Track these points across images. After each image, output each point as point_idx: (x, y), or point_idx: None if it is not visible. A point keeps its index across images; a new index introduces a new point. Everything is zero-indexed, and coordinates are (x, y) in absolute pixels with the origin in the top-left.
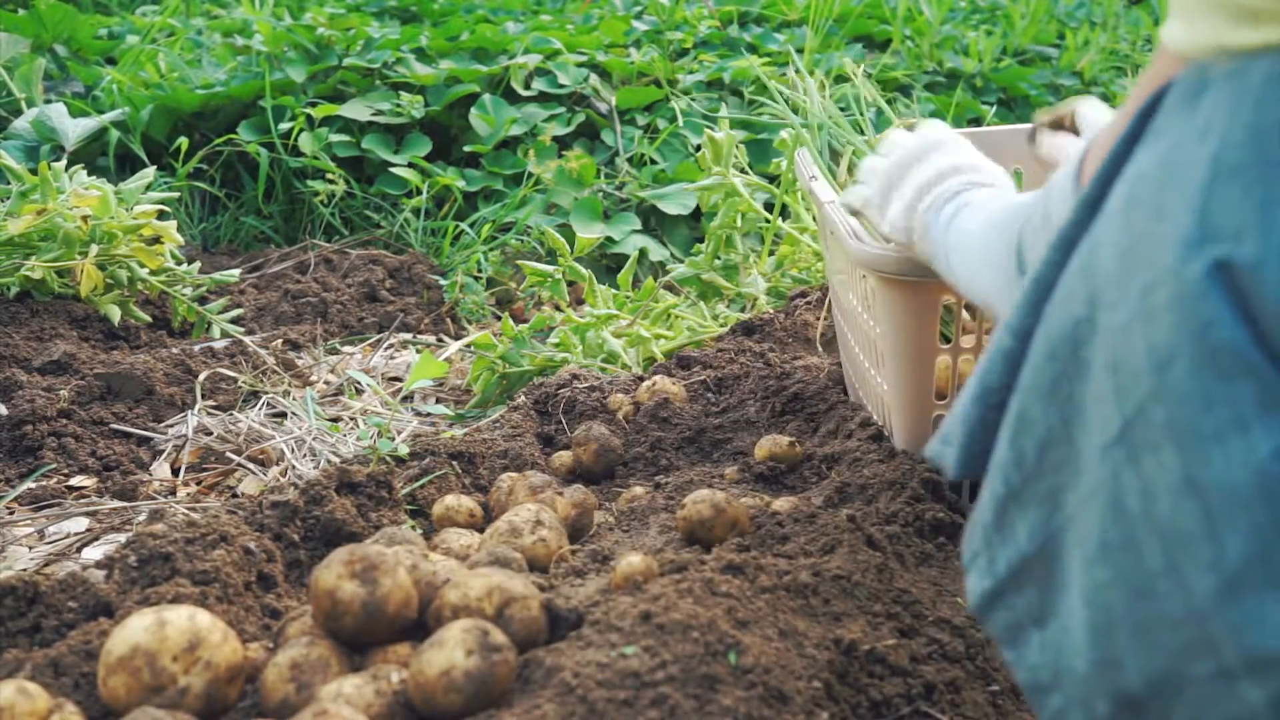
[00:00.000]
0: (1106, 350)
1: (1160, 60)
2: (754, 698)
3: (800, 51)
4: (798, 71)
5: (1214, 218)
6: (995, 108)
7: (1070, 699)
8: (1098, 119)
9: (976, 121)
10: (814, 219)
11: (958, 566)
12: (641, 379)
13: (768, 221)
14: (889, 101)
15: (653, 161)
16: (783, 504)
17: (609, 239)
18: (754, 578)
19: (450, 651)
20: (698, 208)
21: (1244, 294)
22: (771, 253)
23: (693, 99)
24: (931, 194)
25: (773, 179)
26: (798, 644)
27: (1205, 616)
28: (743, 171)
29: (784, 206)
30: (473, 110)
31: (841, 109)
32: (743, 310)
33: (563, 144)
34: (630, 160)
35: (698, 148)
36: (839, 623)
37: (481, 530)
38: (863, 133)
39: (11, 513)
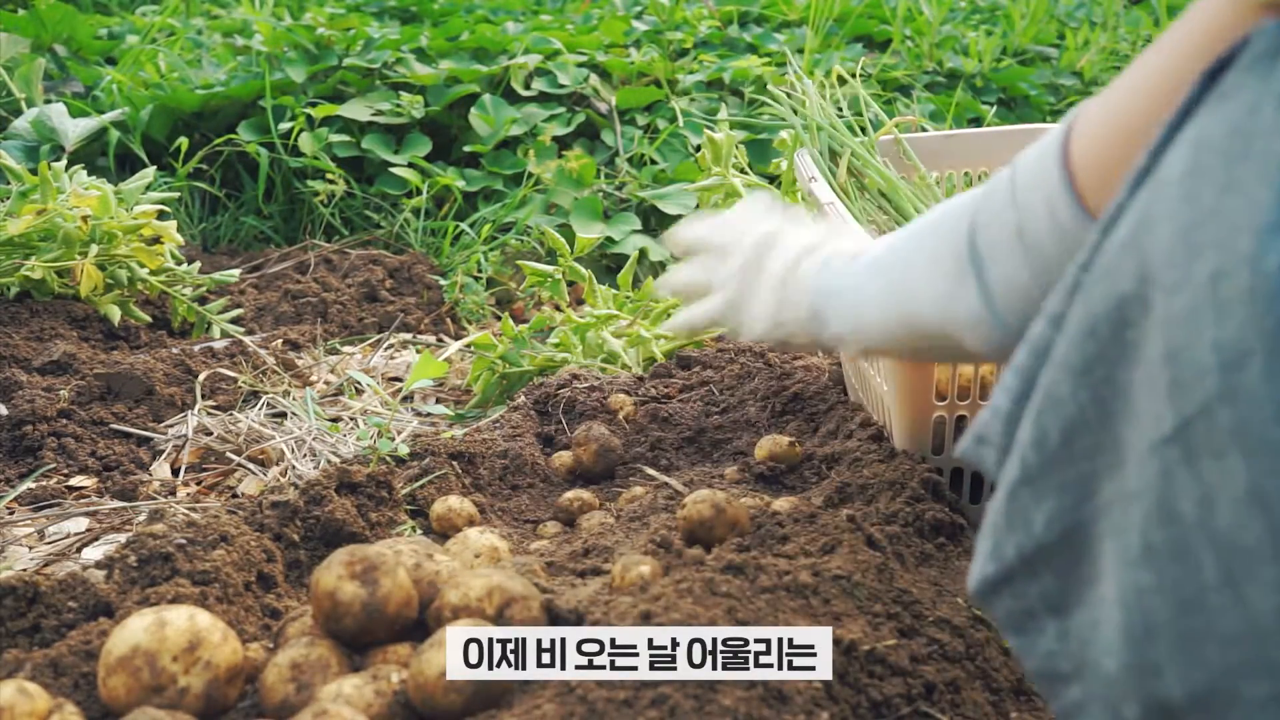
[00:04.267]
0: (1163, 338)
1: (1204, 11)
2: (754, 698)
3: (800, 52)
4: (796, 73)
5: None
6: (995, 108)
7: (1092, 695)
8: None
9: (976, 121)
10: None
11: (958, 566)
12: (642, 379)
13: None
14: (889, 101)
15: (653, 161)
16: (783, 504)
17: (609, 239)
18: (754, 578)
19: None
20: (698, 208)
21: None
22: None
23: (693, 99)
24: (792, 281)
25: (773, 179)
26: None
27: (1266, 637)
28: (743, 172)
29: None
30: (473, 110)
31: (838, 110)
32: None
33: (563, 144)
34: (630, 160)
35: (698, 148)
36: (839, 623)
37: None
38: (865, 133)
39: (11, 513)
